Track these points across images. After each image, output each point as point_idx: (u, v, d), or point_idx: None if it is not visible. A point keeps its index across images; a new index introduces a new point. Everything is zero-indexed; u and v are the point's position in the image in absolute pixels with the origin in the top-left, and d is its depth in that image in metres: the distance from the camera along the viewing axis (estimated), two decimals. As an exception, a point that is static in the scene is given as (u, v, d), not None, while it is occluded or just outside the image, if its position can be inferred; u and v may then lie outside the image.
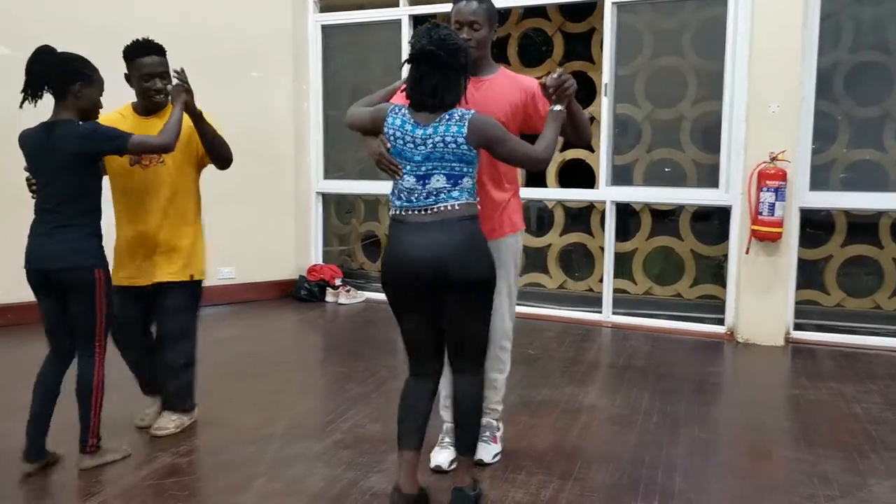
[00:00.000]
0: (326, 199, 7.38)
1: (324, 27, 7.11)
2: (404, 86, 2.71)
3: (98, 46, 5.69)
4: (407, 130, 2.65)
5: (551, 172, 6.93)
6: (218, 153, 3.57)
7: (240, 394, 4.27)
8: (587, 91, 6.42)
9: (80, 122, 3.05)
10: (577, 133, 3.05)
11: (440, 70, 2.57)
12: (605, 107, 5.92)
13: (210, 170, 3.79)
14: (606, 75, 5.92)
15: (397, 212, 2.70)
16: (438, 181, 2.62)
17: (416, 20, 6.67)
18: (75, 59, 3.08)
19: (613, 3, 5.86)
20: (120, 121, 3.44)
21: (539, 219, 7.39)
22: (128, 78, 3.48)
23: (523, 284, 6.95)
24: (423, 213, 2.63)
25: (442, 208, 2.62)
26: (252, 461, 3.30)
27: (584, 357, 5.13)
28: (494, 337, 3.08)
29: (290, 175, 7.08)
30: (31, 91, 3.02)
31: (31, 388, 3.16)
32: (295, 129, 7.11)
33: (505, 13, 6.92)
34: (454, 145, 2.60)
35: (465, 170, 2.64)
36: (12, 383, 3.96)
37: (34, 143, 3.06)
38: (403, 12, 6.73)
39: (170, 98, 3.37)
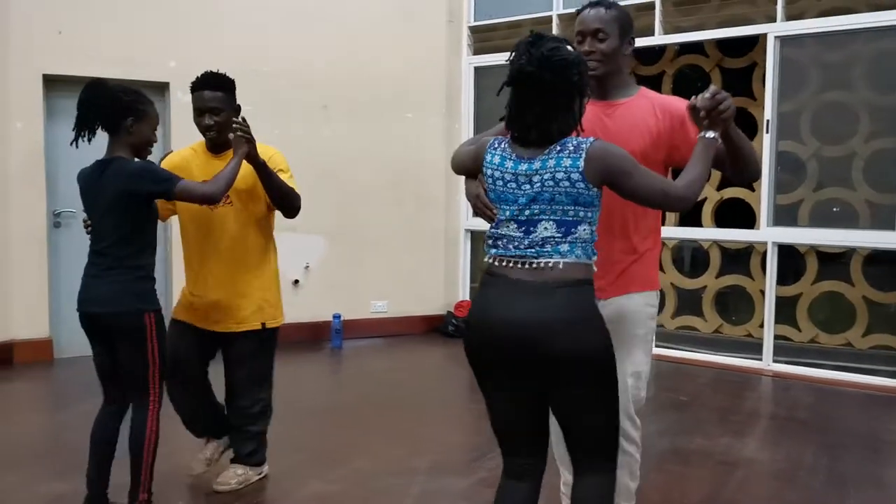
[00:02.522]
0: (475, 235, 7.47)
1: (476, 68, 7.26)
2: None
3: (261, 87, 6.08)
4: (507, 168, 2.11)
5: (707, 212, 6.68)
6: (281, 202, 3.24)
7: (387, 425, 4.36)
8: (748, 128, 6.16)
9: (134, 160, 2.88)
10: (740, 167, 2.38)
11: (545, 94, 2.04)
12: (766, 144, 5.67)
13: (369, 208, 3.85)
14: (768, 111, 5.67)
15: (491, 261, 2.16)
16: (546, 229, 2.06)
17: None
18: (128, 92, 2.90)
19: (777, 36, 5.63)
20: (190, 157, 3.31)
21: (693, 259, 7.12)
22: None
23: (675, 327, 6.70)
24: (521, 266, 2.08)
25: (544, 264, 2.05)
26: (398, 493, 3.35)
27: (741, 406, 4.85)
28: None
29: (440, 212, 7.22)
30: (84, 127, 2.86)
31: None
32: (446, 168, 7.26)
33: (660, 50, 6.81)
34: (567, 183, 2.03)
35: (581, 214, 2.07)
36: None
37: (87, 182, 2.91)
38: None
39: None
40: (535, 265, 2.06)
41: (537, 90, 2.03)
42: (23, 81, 5.60)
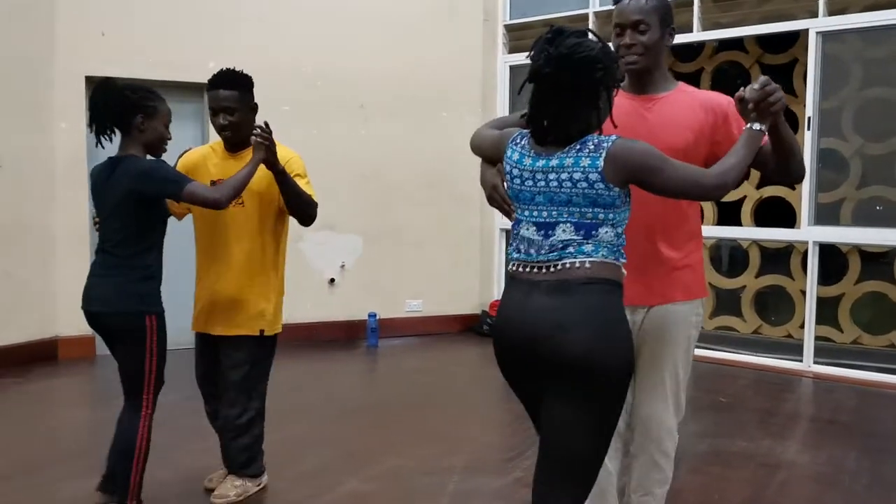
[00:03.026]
0: (510, 235, 7.44)
1: (512, 67, 7.24)
2: None
3: (299, 88, 6.14)
4: (525, 165, 2.00)
5: (746, 211, 6.59)
6: (297, 210, 3.18)
7: (421, 424, 4.37)
8: (789, 124, 6.06)
9: (145, 158, 2.84)
10: (785, 165, 2.22)
11: (564, 94, 1.91)
12: (808, 141, 5.56)
13: (404, 207, 3.83)
14: (810, 108, 5.57)
15: (512, 266, 2.06)
16: (565, 231, 1.95)
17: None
18: (136, 90, 2.85)
19: (818, 32, 5.53)
20: (208, 155, 3.28)
21: (731, 259, 7.03)
22: None
23: (714, 328, 6.62)
24: (540, 270, 1.96)
25: (567, 265, 1.92)
26: (434, 492, 3.35)
27: (781, 408, 4.78)
28: (651, 435, 2.40)
29: (475, 211, 7.21)
30: (97, 126, 2.83)
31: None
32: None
33: (698, 47, 6.72)
34: (585, 184, 1.90)
35: (600, 216, 1.93)
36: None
37: (97, 179, 2.88)
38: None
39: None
40: (555, 267, 1.94)
41: (556, 90, 1.92)
42: (67, 83, 5.72)
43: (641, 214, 2.13)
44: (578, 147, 1.93)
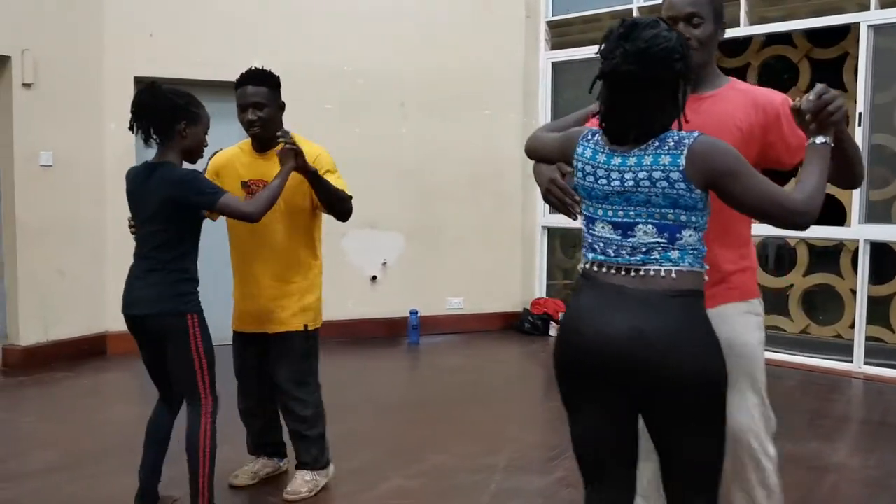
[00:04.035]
0: (552, 233, 7.41)
1: (554, 64, 7.19)
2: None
3: (342, 87, 6.18)
4: (599, 162, 1.88)
5: (794, 208, 6.45)
6: (332, 207, 3.19)
7: (464, 422, 4.37)
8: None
9: (181, 167, 2.86)
10: (848, 174, 2.10)
11: (647, 92, 1.80)
12: (859, 137, 5.43)
13: (446, 205, 3.83)
14: (861, 104, 5.43)
15: (588, 265, 1.93)
16: (646, 233, 1.83)
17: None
18: (181, 95, 2.87)
19: (870, 25, 5.39)
20: (237, 155, 3.31)
21: (779, 257, 6.90)
22: None
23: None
24: (625, 273, 1.84)
25: (653, 273, 1.81)
26: (476, 490, 3.35)
27: (831, 410, 4.68)
28: (743, 444, 2.20)
29: (517, 209, 7.19)
30: (139, 128, 2.84)
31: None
32: (522, 165, 7.23)
33: (745, 41, 6.61)
34: (665, 183, 1.78)
35: (683, 218, 1.81)
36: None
37: (134, 183, 2.91)
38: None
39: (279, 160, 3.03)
40: (641, 272, 1.82)
41: (637, 89, 1.78)
42: (116, 83, 5.84)
43: None
44: (658, 143, 1.81)
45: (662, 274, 1.81)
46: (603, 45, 1.83)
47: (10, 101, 5.37)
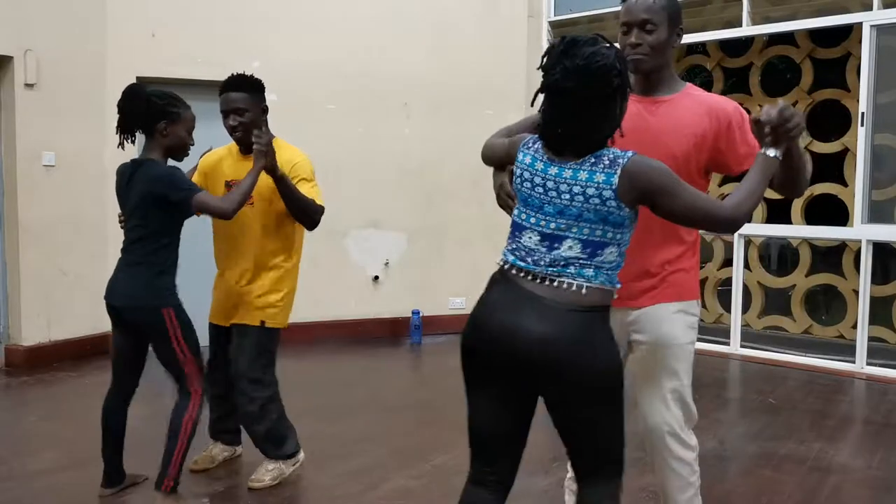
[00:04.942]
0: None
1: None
2: None
3: (344, 87, 6.17)
4: (537, 170, 1.96)
5: (797, 208, 6.45)
6: (298, 215, 3.27)
7: (466, 421, 4.36)
8: (842, 120, 5.93)
9: (163, 164, 2.98)
10: (791, 183, 2.17)
11: (584, 107, 1.87)
12: (862, 138, 5.43)
13: (447, 205, 3.85)
14: (864, 104, 5.43)
15: (507, 266, 2.01)
16: (571, 248, 1.91)
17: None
18: (162, 96, 3.00)
19: (872, 25, 5.39)
20: (224, 156, 3.41)
21: (781, 257, 6.91)
22: None
23: (762, 328, 6.51)
24: (539, 282, 1.92)
25: (566, 286, 1.90)
26: (479, 490, 3.35)
27: (834, 410, 4.68)
28: (658, 435, 2.35)
29: (519, 209, 7.17)
30: (123, 130, 2.99)
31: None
32: (526, 164, 7.25)
33: (747, 41, 6.61)
34: (598, 200, 1.87)
35: (609, 235, 1.91)
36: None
37: (120, 179, 3.07)
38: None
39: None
40: (554, 283, 1.91)
41: (576, 103, 1.86)
42: (118, 84, 5.72)
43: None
44: (594, 161, 1.89)
45: (574, 288, 1.90)
46: (544, 61, 1.91)
47: (12, 101, 5.37)
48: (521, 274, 1.95)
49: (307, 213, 3.26)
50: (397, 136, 6.61)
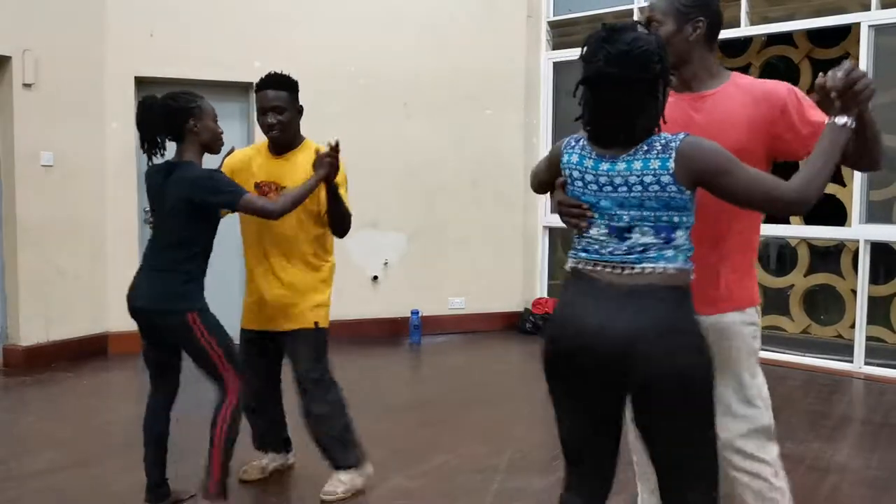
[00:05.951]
0: (553, 232, 7.41)
1: (555, 64, 7.19)
2: None
3: (344, 87, 6.18)
4: (587, 167, 1.91)
5: (795, 208, 6.45)
6: (337, 225, 3.24)
7: (466, 421, 4.37)
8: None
9: (199, 165, 2.90)
10: (868, 154, 2.01)
11: (629, 93, 1.82)
12: (859, 137, 5.44)
13: (447, 205, 3.85)
14: (862, 103, 5.43)
15: (579, 264, 1.94)
16: (643, 234, 1.86)
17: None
18: (176, 96, 2.91)
19: (870, 25, 5.40)
20: (252, 156, 3.33)
21: (780, 257, 6.91)
22: None
23: (761, 327, 6.51)
24: (618, 271, 1.87)
25: (648, 270, 1.84)
26: (479, 490, 3.36)
27: (832, 410, 4.68)
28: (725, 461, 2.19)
29: (518, 209, 7.19)
30: (148, 144, 2.90)
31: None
32: (524, 164, 7.24)
33: (746, 42, 6.62)
34: (657, 187, 1.82)
35: (675, 220, 1.85)
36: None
37: (152, 182, 2.96)
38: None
39: (313, 166, 3.06)
40: (635, 270, 1.84)
41: (620, 91, 1.81)
42: (117, 83, 5.84)
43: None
44: (646, 148, 1.84)
45: (658, 270, 1.84)
46: (585, 49, 1.86)
47: (10, 101, 5.37)
48: (599, 267, 1.90)
49: (345, 223, 3.23)
50: (397, 137, 6.61)
